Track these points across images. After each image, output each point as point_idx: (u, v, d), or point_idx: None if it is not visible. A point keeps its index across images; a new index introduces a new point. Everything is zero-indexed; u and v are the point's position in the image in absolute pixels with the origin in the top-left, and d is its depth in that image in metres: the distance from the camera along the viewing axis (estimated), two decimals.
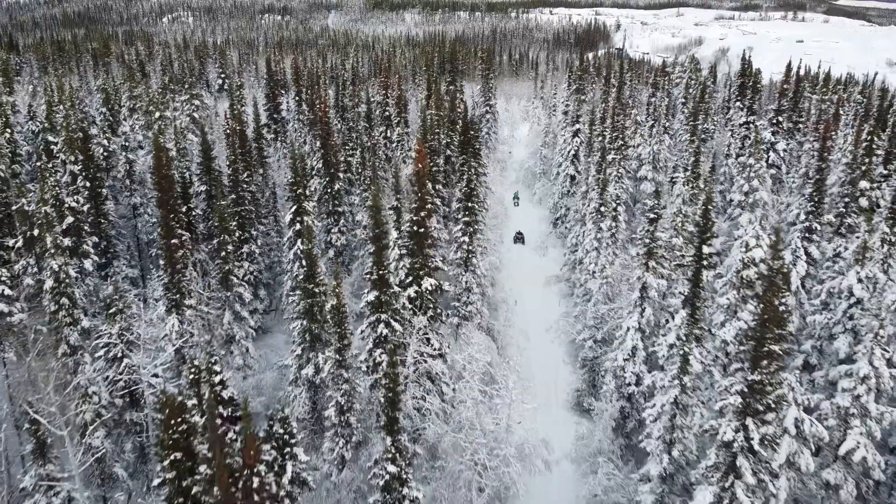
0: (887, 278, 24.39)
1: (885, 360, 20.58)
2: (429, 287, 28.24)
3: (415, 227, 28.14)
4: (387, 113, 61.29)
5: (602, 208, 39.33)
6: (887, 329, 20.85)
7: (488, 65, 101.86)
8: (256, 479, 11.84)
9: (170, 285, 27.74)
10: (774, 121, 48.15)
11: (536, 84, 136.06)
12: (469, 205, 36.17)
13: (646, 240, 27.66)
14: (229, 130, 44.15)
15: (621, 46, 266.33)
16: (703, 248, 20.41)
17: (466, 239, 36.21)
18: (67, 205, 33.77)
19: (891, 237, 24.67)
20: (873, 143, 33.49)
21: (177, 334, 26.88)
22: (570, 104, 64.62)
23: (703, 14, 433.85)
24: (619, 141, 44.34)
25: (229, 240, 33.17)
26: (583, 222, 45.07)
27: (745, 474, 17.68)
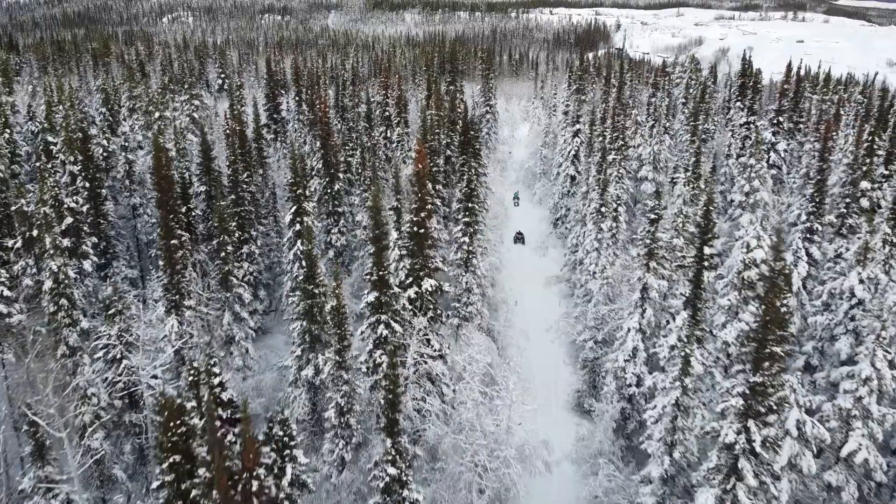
0: (889, 279, 24.33)
1: (887, 361, 20.51)
2: (429, 288, 28.15)
3: (415, 227, 28.05)
4: (387, 113, 61.22)
5: (603, 209, 39.25)
6: (889, 330, 20.77)
7: (488, 65, 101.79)
8: (256, 483, 11.76)
9: (169, 286, 27.65)
10: (775, 121, 48.07)
11: (536, 84, 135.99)
12: (469, 205, 36.11)
13: (647, 240, 27.59)
14: (229, 131, 44.08)
15: (621, 46, 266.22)
16: (704, 250, 20.32)
17: (466, 239, 36.15)
18: (66, 205, 33.70)
19: (892, 238, 24.62)
20: (874, 143, 33.43)
21: (176, 335, 26.79)
22: (570, 104, 64.55)
23: (703, 14, 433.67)
24: (620, 141, 44.25)
25: (229, 240, 33.10)
26: (583, 223, 44.99)
27: (747, 476, 17.61)
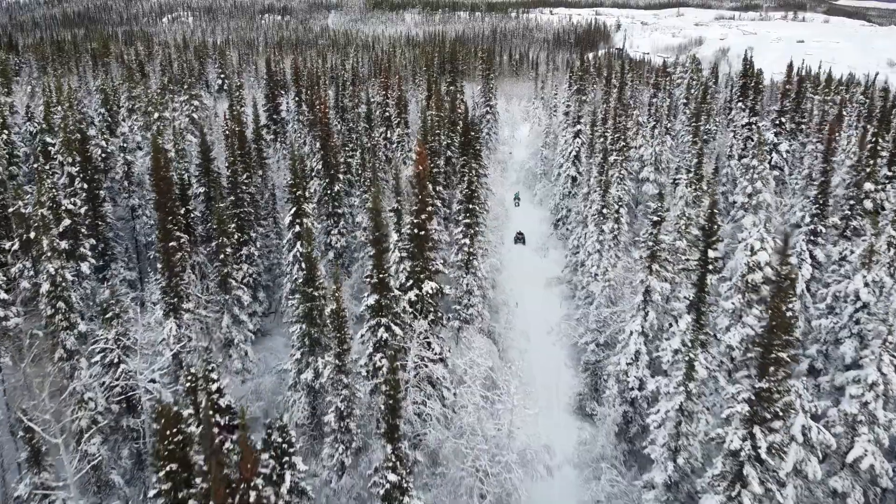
0: (894, 282, 24.10)
1: (894, 366, 20.25)
2: (430, 290, 27.90)
3: (415, 229, 27.81)
4: (387, 114, 60.99)
5: (604, 210, 39.00)
6: (895, 335, 20.53)
7: (488, 65, 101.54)
8: (253, 493, 11.55)
9: (167, 289, 27.41)
10: (777, 122, 47.81)
11: (537, 84, 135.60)
12: (470, 207, 35.90)
13: (649, 243, 27.34)
14: (228, 131, 43.82)
15: (621, 46, 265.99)
16: (708, 253, 20.08)
17: (467, 241, 35.93)
18: (64, 207, 33.45)
19: None
20: (878, 144, 33.20)
21: (174, 339, 26.54)
22: (570, 105, 64.27)
23: (703, 14, 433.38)
24: (621, 142, 44.00)
25: (228, 242, 32.86)
26: (584, 224, 44.75)
27: (752, 483, 17.38)
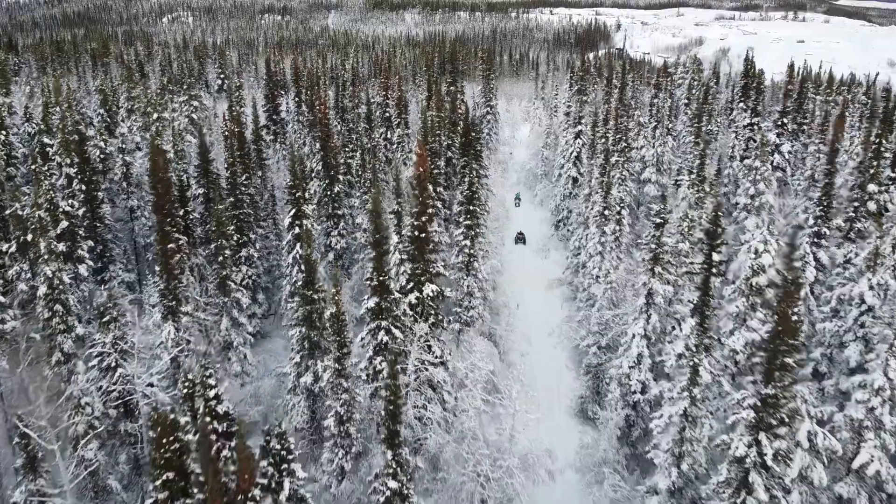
0: None
1: None
2: (430, 293, 27.66)
3: (416, 231, 27.56)
4: (387, 114, 60.75)
5: (606, 212, 38.73)
6: None
7: (489, 65, 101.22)
8: None
9: (166, 292, 27.16)
10: (779, 122, 47.60)
11: (537, 84, 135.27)
12: (471, 208, 35.64)
13: (651, 245, 27.09)
14: (227, 132, 43.57)
15: (622, 46, 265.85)
16: (713, 256, 19.84)
17: (468, 242, 35.68)
18: (62, 209, 33.20)
19: None
20: (881, 145, 32.95)
21: (173, 342, 26.29)
22: (571, 105, 63.93)
23: (703, 14, 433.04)
24: (623, 143, 43.74)
25: (227, 244, 32.61)
26: (586, 225, 44.47)
27: (758, 490, 17.15)
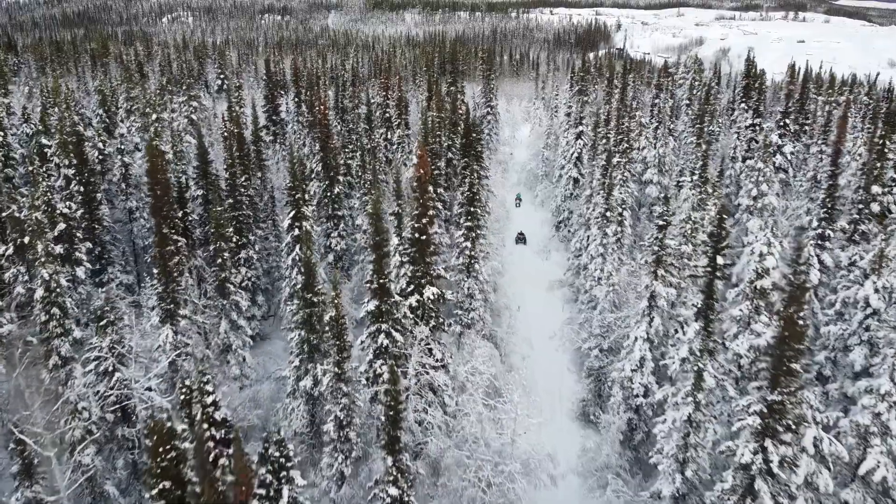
0: None
1: None
2: (431, 296, 27.39)
3: (416, 234, 27.30)
4: (387, 114, 60.52)
5: (608, 213, 38.47)
6: None
7: (489, 65, 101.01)
8: None
9: (164, 294, 26.91)
10: (781, 123, 47.35)
11: (537, 84, 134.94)
12: (471, 209, 35.36)
13: (654, 247, 26.83)
14: (227, 133, 43.33)
15: (622, 47, 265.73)
16: (717, 259, 19.60)
17: (469, 244, 35.41)
18: (60, 210, 32.94)
19: None
20: (885, 146, 32.71)
21: (171, 345, 26.04)
22: (572, 105, 63.66)
23: (703, 14, 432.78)
24: (625, 144, 43.49)
25: (226, 247, 32.36)
26: (587, 227, 44.21)
27: (764, 497, 16.92)
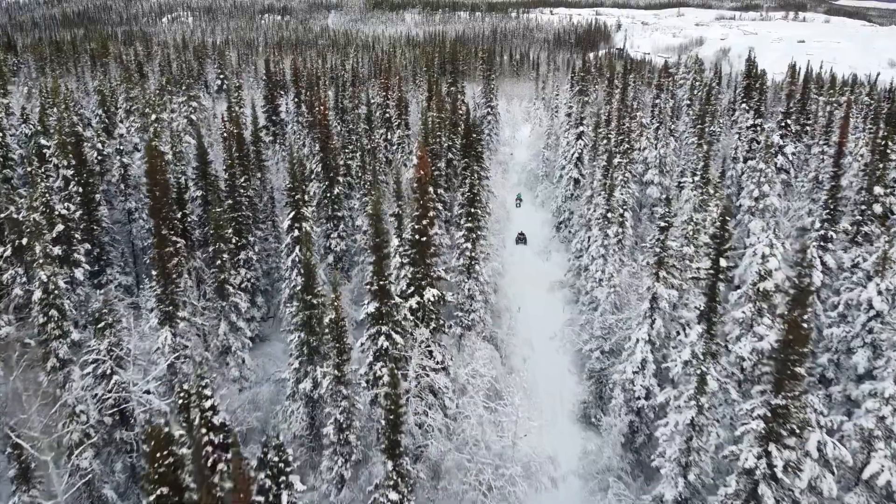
0: None
1: None
2: (431, 298, 27.24)
3: (417, 235, 27.14)
4: (387, 115, 60.36)
5: (609, 214, 38.29)
6: None
7: (489, 65, 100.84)
8: None
9: (163, 296, 26.75)
10: (783, 123, 47.20)
11: (538, 85, 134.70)
12: (472, 210, 35.21)
13: (656, 249, 26.66)
14: (226, 133, 43.19)
15: (622, 47, 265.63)
16: (720, 261, 19.43)
17: (469, 245, 35.25)
18: (58, 212, 32.75)
19: None
20: (887, 147, 32.54)
21: (170, 348, 25.88)
22: (573, 106, 63.48)
23: (703, 14, 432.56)
24: (626, 144, 43.32)
25: (225, 248, 32.20)
26: (588, 227, 44.03)
27: (768, 502, 16.74)
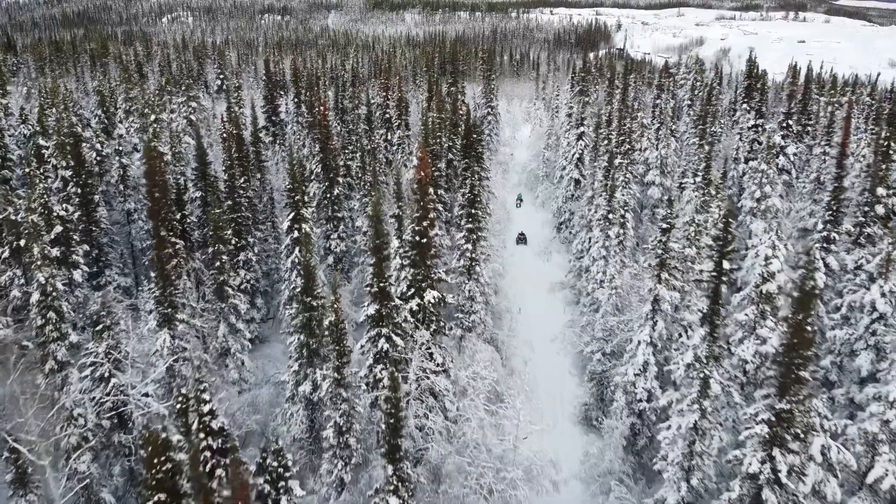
0: None
1: None
2: (432, 300, 27.07)
3: (417, 236, 26.99)
4: (387, 115, 60.19)
5: (610, 215, 38.12)
6: None
7: (489, 65, 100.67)
8: None
9: (161, 298, 26.57)
10: (784, 124, 47.05)
11: (538, 85, 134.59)
12: (472, 211, 35.04)
13: (658, 250, 26.49)
14: (226, 134, 43.03)
15: (622, 47, 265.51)
16: (723, 263, 19.27)
17: (469, 246, 35.09)
18: (56, 212, 32.58)
19: None
20: (890, 147, 32.38)
21: (168, 350, 25.72)
22: (573, 106, 63.33)
23: (703, 14, 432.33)
24: (626, 145, 43.15)
25: (224, 249, 32.03)
26: (589, 228, 43.86)
27: None
